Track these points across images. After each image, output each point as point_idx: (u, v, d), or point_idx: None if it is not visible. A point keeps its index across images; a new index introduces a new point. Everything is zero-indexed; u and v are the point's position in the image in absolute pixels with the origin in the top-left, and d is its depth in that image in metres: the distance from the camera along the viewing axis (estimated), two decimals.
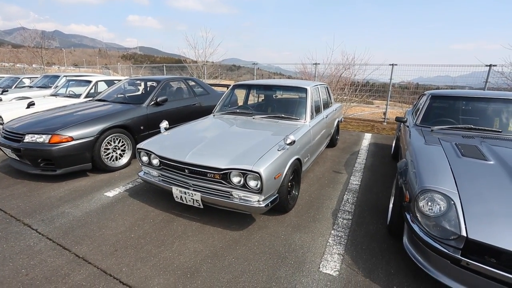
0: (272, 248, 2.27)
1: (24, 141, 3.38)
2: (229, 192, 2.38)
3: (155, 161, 2.76)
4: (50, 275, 1.95)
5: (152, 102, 4.44)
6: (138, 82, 5.71)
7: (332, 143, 5.02)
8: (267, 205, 2.32)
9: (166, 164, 2.64)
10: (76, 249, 2.23)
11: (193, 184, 2.52)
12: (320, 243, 2.35)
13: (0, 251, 2.20)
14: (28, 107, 5.03)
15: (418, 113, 3.44)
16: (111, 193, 3.22)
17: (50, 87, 7.63)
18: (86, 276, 1.95)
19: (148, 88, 5.38)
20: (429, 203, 1.80)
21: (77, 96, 5.93)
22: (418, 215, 1.82)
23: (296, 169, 2.89)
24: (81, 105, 4.54)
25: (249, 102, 4.61)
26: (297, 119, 3.43)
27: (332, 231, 2.51)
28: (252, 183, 2.28)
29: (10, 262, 2.08)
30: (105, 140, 3.70)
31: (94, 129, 3.59)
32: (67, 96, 6.01)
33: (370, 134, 6.47)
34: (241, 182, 2.30)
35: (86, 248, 2.24)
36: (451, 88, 7.76)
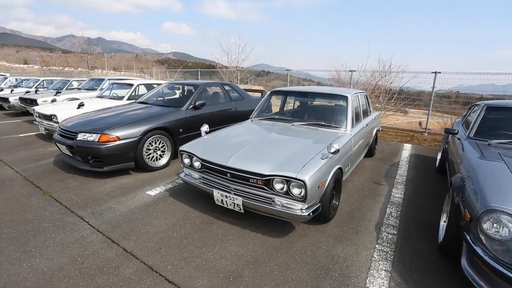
0: (314, 259, 2.22)
1: (77, 139, 3.65)
2: (271, 199, 2.38)
3: (197, 164, 2.84)
4: (103, 266, 2.07)
5: (191, 106, 4.60)
6: (176, 86, 5.95)
7: (370, 153, 4.84)
8: (309, 214, 2.29)
9: (208, 167, 2.70)
10: (124, 244, 2.35)
11: (234, 188, 2.55)
12: (365, 257, 2.25)
13: (59, 239, 2.38)
14: (78, 107, 5.44)
15: (471, 125, 3.21)
16: (152, 192, 3.36)
17: (96, 89, 8.21)
18: (134, 270, 2.04)
19: (186, 92, 5.58)
20: (495, 225, 1.66)
21: (120, 98, 6.31)
22: (482, 237, 1.68)
23: (338, 178, 2.82)
24: (126, 107, 4.82)
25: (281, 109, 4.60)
26: (338, 127, 3.35)
27: (377, 246, 2.40)
28: (295, 191, 2.26)
29: (68, 250, 2.24)
30: (147, 141, 3.89)
31: (138, 130, 3.79)
32: (111, 98, 6.42)
33: (410, 145, 6.15)
34: (284, 189, 2.29)
35: (133, 244, 2.35)
36: (499, 98, 7.19)
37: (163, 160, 4.17)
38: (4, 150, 5.01)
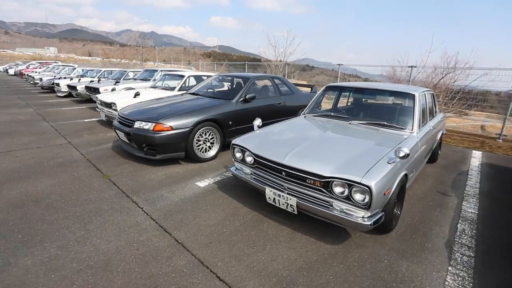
0: (375, 273, 1.99)
1: (134, 126, 3.82)
2: (329, 202, 2.19)
3: (249, 159, 2.75)
4: (156, 255, 2.10)
5: (241, 99, 4.54)
6: (226, 78, 5.95)
7: (432, 158, 4.34)
8: (371, 223, 2.06)
9: (262, 164, 2.60)
10: (175, 234, 2.36)
11: (288, 188, 2.41)
12: (436, 280, 1.96)
13: (117, 222, 2.50)
14: (134, 96, 5.75)
15: None
16: (201, 184, 3.38)
17: (149, 79, 8.67)
18: (186, 262, 2.03)
19: (235, 84, 5.56)
20: None
21: (172, 89, 6.53)
22: None
23: (402, 185, 2.52)
24: (178, 97, 4.94)
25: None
26: (403, 129, 3.00)
27: (450, 268, 2.08)
28: (358, 197, 2.04)
29: (124, 234, 2.32)
30: (198, 132, 3.93)
31: (190, 120, 3.84)
32: (164, 89, 6.68)
33: (480, 152, 5.39)
34: (345, 194, 2.09)
35: (184, 235, 2.36)
36: None
37: (212, 152, 4.20)
38: (72, 133, 5.51)
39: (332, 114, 3.59)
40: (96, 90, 7.90)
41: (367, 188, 1.96)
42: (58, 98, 10.96)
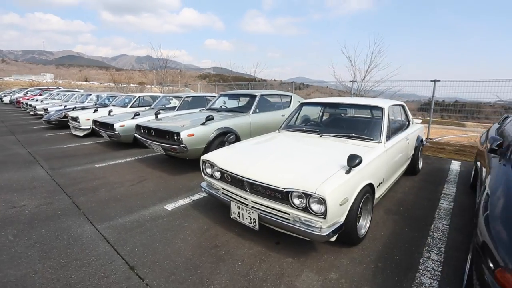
0: None
1: None
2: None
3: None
4: None
5: None
6: None
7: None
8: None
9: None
10: None
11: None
12: None
13: None
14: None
15: None
16: None
17: (240, 112, 5.11)
18: None
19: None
20: None
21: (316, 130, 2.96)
22: None
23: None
24: None
25: None
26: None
27: None
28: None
29: None
30: None
31: None
32: (306, 131, 3.06)
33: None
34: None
35: None
36: None
37: None
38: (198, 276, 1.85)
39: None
40: (165, 135, 4.18)
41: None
42: (76, 138, 7.19)
